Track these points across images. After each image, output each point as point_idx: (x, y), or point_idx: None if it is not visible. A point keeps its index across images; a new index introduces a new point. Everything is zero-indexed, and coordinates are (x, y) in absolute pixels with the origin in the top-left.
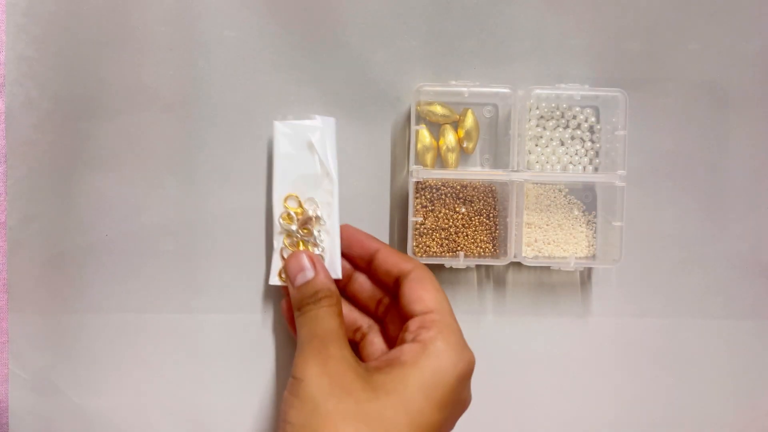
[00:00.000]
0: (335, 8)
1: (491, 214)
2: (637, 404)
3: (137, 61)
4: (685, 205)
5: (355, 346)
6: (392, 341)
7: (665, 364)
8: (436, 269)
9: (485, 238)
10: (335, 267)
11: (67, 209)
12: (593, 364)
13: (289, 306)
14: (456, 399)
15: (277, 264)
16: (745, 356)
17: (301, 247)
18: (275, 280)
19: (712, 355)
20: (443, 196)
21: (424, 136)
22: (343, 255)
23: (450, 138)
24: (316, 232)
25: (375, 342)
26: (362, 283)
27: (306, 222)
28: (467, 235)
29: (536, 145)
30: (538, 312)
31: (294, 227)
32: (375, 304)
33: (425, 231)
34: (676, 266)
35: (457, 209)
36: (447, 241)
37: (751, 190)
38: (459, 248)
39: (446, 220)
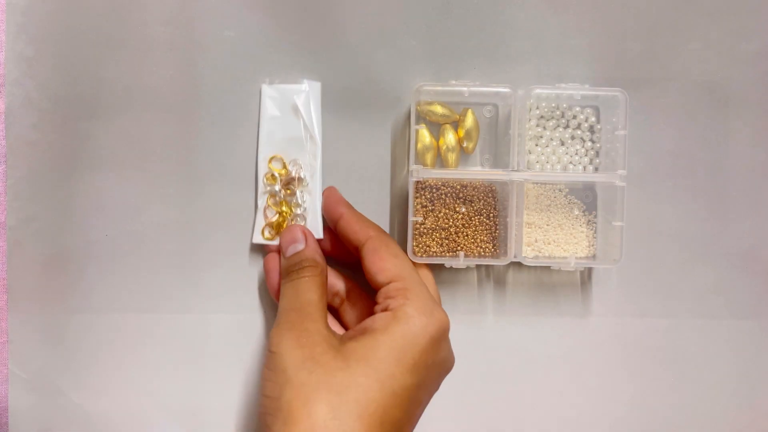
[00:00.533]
0: (335, 8)
1: (491, 214)
2: (638, 404)
3: (137, 61)
4: (685, 205)
5: (336, 311)
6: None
7: (665, 364)
8: (436, 269)
9: (485, 238)
10: (317, 228)
11: (67, 209)
12: (593, 364)
13: (268, 262)
14: (431, 361)
15: (260, 222)
16: (745, 356)
17: (284, 207)
18: (258, 238)
19: (712, 355)
20: (443, 196)
21: (424, 135)
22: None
23: (450, 138)
24: (298, 193)
25: (356, 306)
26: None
27: (289, 182)
28: (467, 235)
29: (536, 145)
30: (538, 312)
31: (278, 187)
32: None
33: (425, 231)
34: (676, 266)
35: (457, 209)
36: (447, 241)
37: (751, 190)
38: (459, 248)
39: (446, 220)
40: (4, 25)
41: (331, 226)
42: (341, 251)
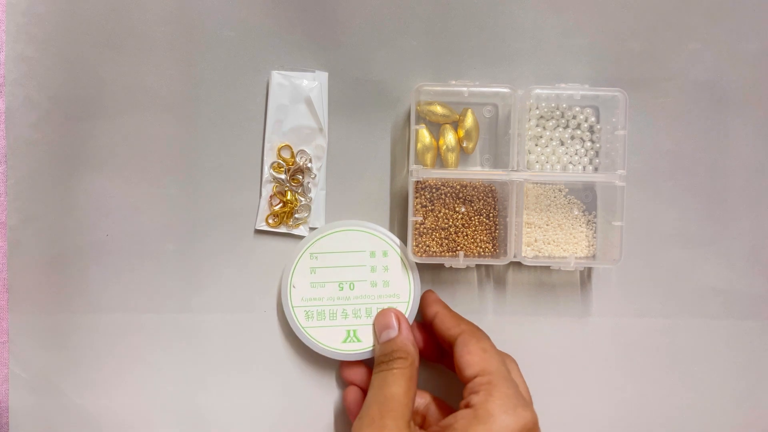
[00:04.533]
0: (335, 8)
1: (491, 214)
2: (637, 404)
3: (137, 61)
4: (685, 205)
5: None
6: None
7: (665, 364)
8: (437, 269)
9: (485, 238)
10: (320, 218)
11: (67, 209)
12: (593, 364)
13: (351, 398)
14: None
15: (264, 210)
16: (745, 356)
17: (289, 196)
18: (262, 225)
19: (712, 355)
20: (443, 196)
21: (424, 135)
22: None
23: (450, 138)
24: (305, 183)
25: (441, 411)
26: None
27: (296, 172)
28: (467, 235)
29: (536, 145)
30: (538, 312)
31: (284, 176)
32: None
33: (425, 231)
34: (676, 266)
35: (457, 209)
36: (447, 241)
37: (751, 190)
38: (459, 248)
39: (446, 220)
40: (4, 26)
41: (427, 324)
42: (431, 350)
